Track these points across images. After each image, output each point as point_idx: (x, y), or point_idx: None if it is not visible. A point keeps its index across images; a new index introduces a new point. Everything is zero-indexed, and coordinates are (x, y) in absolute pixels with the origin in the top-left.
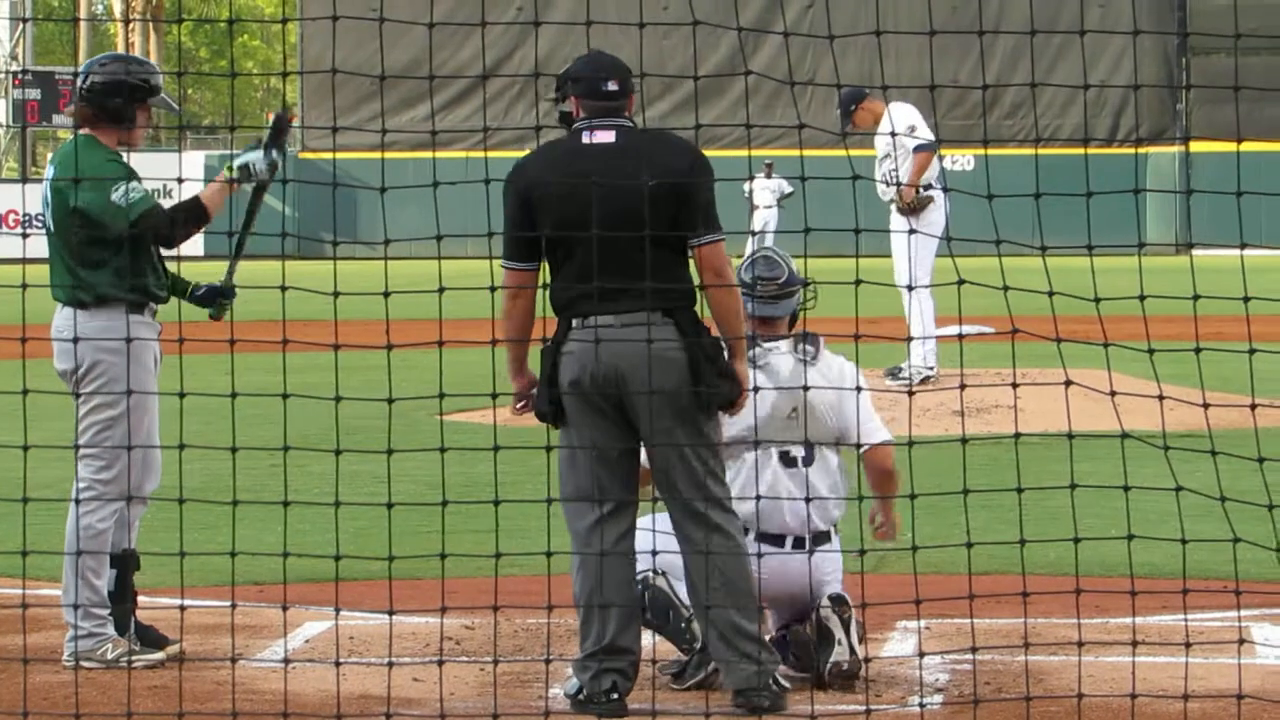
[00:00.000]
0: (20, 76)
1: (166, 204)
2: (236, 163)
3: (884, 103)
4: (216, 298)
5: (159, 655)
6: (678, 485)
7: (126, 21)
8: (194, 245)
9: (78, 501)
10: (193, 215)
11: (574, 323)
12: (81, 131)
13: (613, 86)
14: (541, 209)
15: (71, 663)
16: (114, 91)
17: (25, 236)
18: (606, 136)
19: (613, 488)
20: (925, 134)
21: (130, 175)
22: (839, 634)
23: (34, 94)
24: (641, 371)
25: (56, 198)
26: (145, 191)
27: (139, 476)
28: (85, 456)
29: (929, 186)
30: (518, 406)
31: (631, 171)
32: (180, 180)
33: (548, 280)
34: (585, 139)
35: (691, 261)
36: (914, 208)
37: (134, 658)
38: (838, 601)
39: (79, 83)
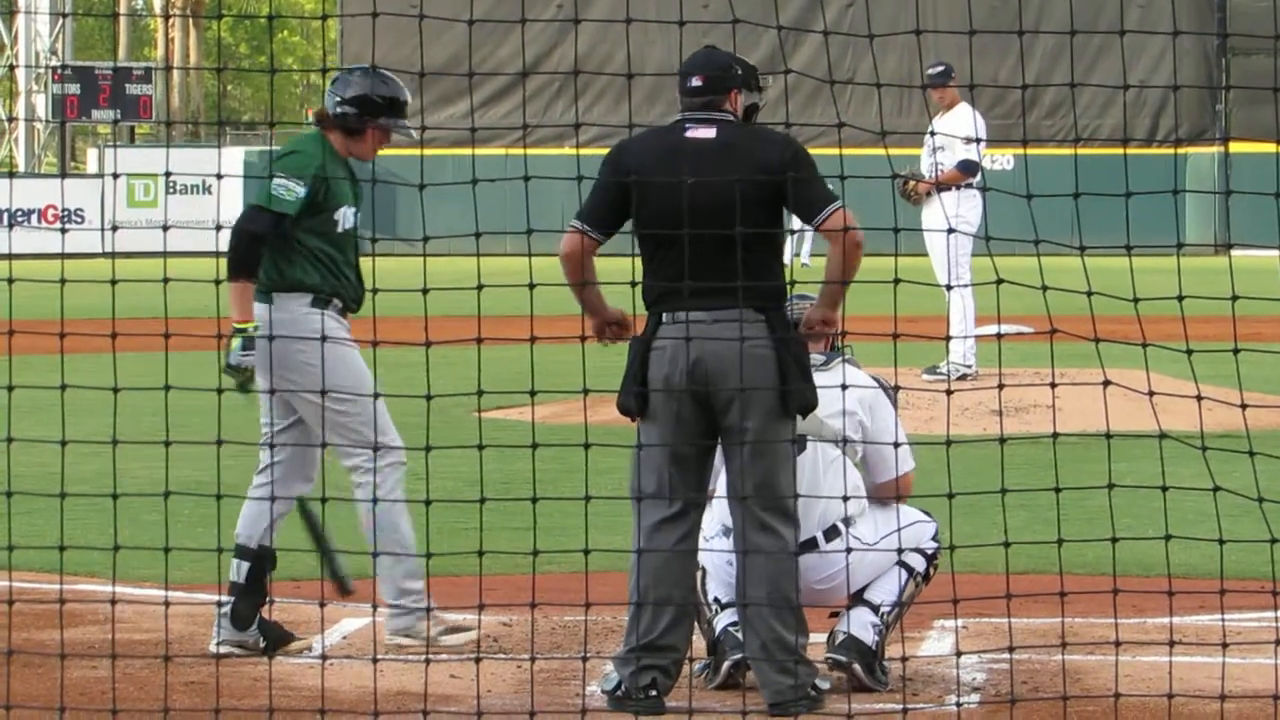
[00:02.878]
0: (60, 71)
1: (206, 203)
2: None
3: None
4: (245, 355)
5: (469, 636)
6: (748, 487)
7: (166, 17)
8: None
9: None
10: (236, 260)
11: (664, 317)
12: (315, 128)
13: (697, 83)
14: (639, 199)
15: (394, 641)
16: (349, 101)
17: (64, 231)
18: (708, 132)
19: (684, 487)
20: (975, 155)
21: (299, 175)
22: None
23: (73, 89)
24: (732, 365)
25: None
26: (286, 200)
27: (293, 474)
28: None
29: (969, 186)
30: (611, 330)
31: (729, 167)
32: (219, 176)
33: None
34: (686, 133)
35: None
36: (912, 200)
37: (445, 636)
38: (846, 650)
39: (334, 84)
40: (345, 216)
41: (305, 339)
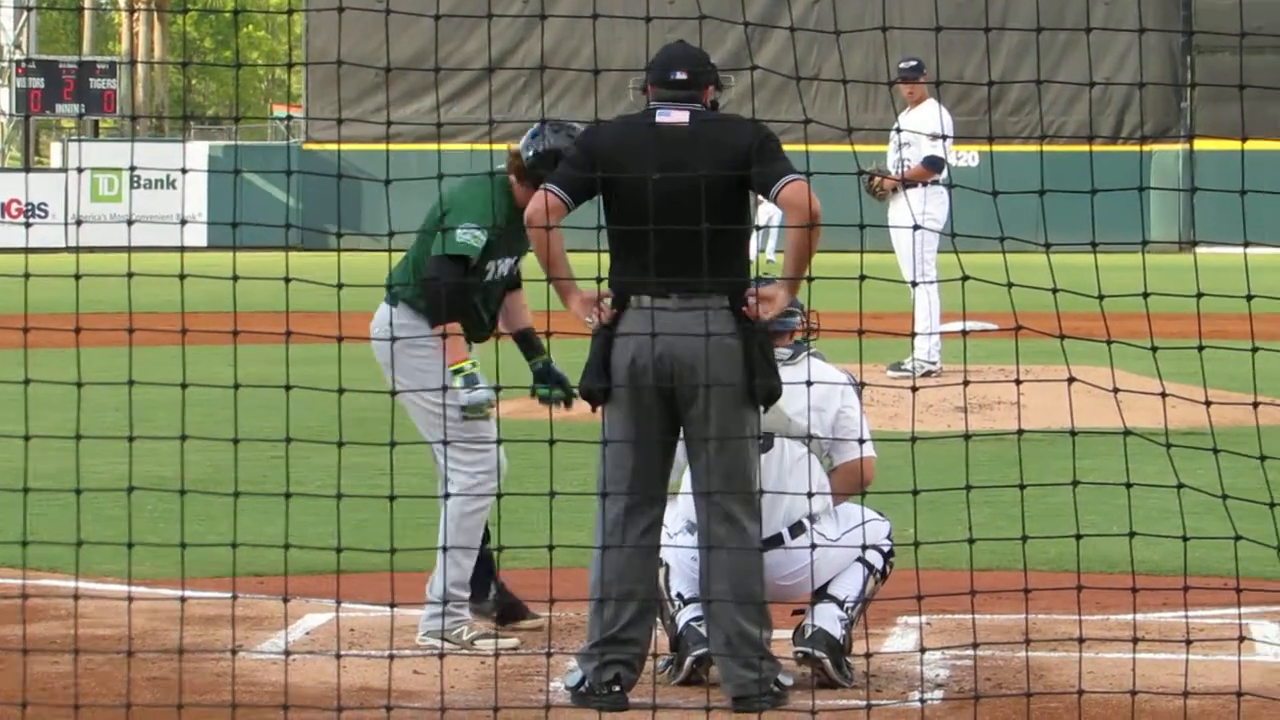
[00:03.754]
0: (24, 65)
1: (170, 199)
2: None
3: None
4: (554, 382)
5: (511, 641)
6: (712, 480)
7: (131, 11)
8: (196, 235)
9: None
10: (435, 313)
11: (630, 303)
12: (503, 173)
13: (681, 76)
14: (609, 185)
15: (427, 641)
16: (544, 155)
17: (28, 226)
18: (680, 116)
19: (646, 480)
20: (941, 152)
21: (483, 224)
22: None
23: (38, 83)
24: (698, 357)
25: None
26: (473, 246)
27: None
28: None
29: (935, 182)
30: (596, 310)
31: (700, 156)
32: (184, 171)
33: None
34: (659, 118)
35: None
36: (877, 196)
37: (479, 640)
38: (816, 643)
39: (530, 137)
40: (498, 266)
41: (421, 346)
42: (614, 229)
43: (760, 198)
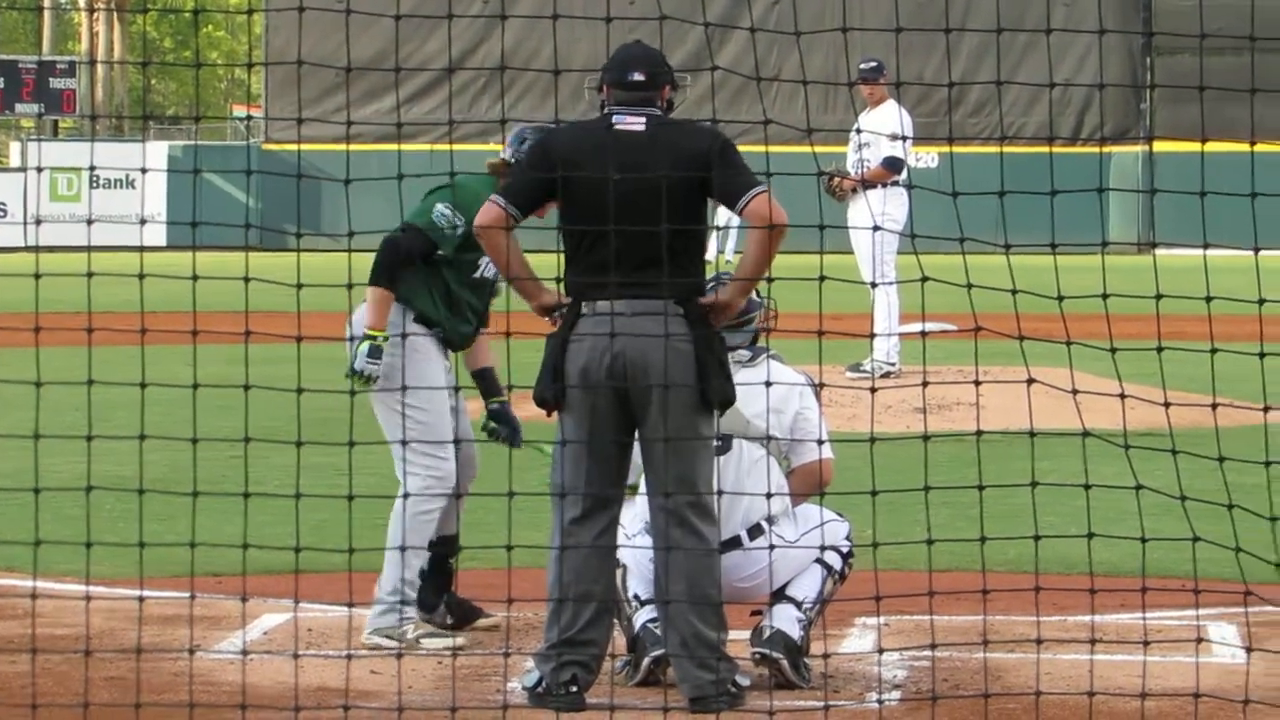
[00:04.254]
0: None
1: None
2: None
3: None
4: (506, 425)
5: (447, 642)
6: (667, 483)
7: (91, 11)
8: (156, 235)
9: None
10: (377, 271)
11: (584, 308)
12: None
13: (639, 77)
14: (566, 190)
15: (373, 640)
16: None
17: None
18: (636, 124)
19: (601, 481)
20: (900, 153)
21: (464, 211)
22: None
23: None
24: (651, 360)
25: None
26: (445, 227)
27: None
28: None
29: (894, 183)
30: (552, 320)
31: (658, 160)
32: (144, 170)
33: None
34: (615, 124)
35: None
36: (837, 196)
37: (425, 639)
38: (774, 644)
39: (513, 139)
40: (488, 265)
41: (394, 345)
42: (570, 229)
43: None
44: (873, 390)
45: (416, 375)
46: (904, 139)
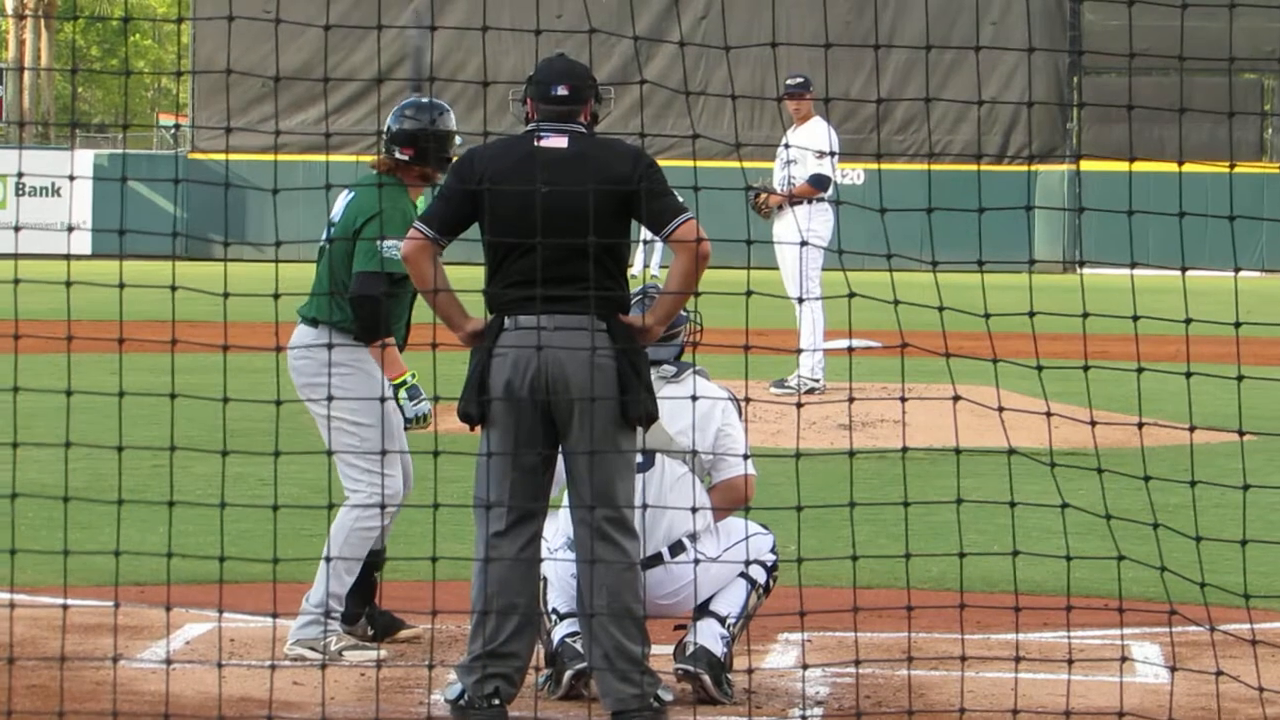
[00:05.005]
0: None
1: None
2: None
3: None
4: (417, 403)
5: (370, 654)
6: (588, 496)
7: (19, 17)
8: (82, 243)
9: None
10: (370, 331)
11: (506, 323)
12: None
13: (563, 91)
14: (490, 207)
15: (295, 650)
16: (394, 139)
17: None
18: (559, 141)
19: (525, 494)
20: (828, 170)
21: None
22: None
23: None
24: (575, 376)
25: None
26: (396, 258)
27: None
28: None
29: (820, 199)
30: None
31: (581, 178)
32: (71, 178)
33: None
34: (538, 142)
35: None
36: (763, 213)
37: (348, 651)
38: (697, 660)
39: (393, 115)
40: None
41: (341, 365)
42: (492, 243)
43: None
44: (798, 406)
45: (362, 392)
46: (831, 155)
